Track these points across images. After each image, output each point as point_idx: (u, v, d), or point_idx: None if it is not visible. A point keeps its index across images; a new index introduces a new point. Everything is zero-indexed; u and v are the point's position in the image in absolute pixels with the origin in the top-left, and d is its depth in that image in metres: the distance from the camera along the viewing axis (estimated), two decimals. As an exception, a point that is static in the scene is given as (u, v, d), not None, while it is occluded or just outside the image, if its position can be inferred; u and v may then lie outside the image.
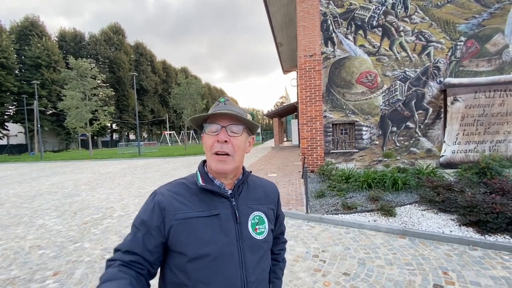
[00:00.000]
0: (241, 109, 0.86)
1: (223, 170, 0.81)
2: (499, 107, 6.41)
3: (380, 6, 7.15)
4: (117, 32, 43.33)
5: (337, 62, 7.42)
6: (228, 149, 0.80)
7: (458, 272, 2.61)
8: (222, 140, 0.79)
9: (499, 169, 4.89)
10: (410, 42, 7.05)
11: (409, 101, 7.11)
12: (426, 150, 7.10)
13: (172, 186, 0.85)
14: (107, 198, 6.59)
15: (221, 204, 0.82)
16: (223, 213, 0.80)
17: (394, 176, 5.30)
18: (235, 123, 0.82)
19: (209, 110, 0.87)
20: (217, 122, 0.81)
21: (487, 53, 6.71)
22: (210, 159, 0.82)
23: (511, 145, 6.46)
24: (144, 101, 45.65)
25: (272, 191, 0.98)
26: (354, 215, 4.21)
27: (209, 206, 0.80)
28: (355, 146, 7.49)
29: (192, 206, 0.79)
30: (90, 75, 22.89)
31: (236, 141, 0.81)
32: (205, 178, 0.85)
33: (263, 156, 14.82)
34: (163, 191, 0.82)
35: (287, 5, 10.03)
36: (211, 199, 0.81)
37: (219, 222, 0.79)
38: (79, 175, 10.94)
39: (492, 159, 5.17)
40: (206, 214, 0.79)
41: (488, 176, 4.71)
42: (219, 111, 0.80)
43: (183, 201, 0.80)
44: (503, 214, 3.23)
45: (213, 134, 0.81)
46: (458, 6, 6.79)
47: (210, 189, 0.81)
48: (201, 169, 0.88)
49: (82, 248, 3.63)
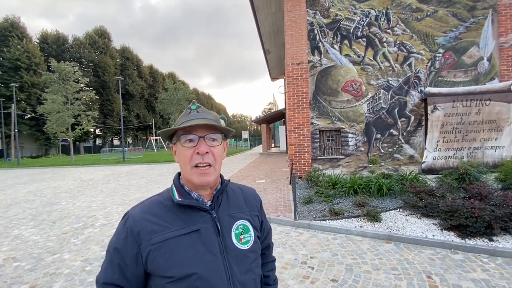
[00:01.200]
0: (214, 115, 0.82)
1: (207, 183, 0.77)
2: (475, 115, 6.75)
3: (364, 17, 7.43)
4: (102, 36, 42.47)
5: (324, 70, 7.60)
6: (210, 160, 0.76)
7: (441, 275, 2.68)
8: (203, 152, 0.74)
9: (477, 175, 5.12)
10: (392, 53, 7.33)
11: (392, 109, 7.35)
12: (409, 156, 7.33)
13: (146, 206, 0.79)
14: (89, 206, 6.34)
15: (200, 218, 0.77)
16: (203, 227, 0.76)
17: (379, 182, 5.43)
18: (213, 132, 0.77)
19: (179, 117, 0.82)
20: (193, 132, 0.76)
21: (464, 64, 7.08)
22: (190, 173, 0.76)
23: (487, 151, 6.79)
24: (130, 106, 44.70)
25: (253, 197, 0.94)
26: (341, 221, 4.26)
27: (187, 222, 0.75)
28: (341, 152, 7.63)
29: (169, 226, 0.74)
30: (73, 78, 22.21)
31: (216, 151, 0.78)
32: (181, 192, 0.79)
33: (251, 162, 14.81)
34: (136, 213, 0.76)
35: (275, 14, 10.22)
36: (189, 214, 0.77)
37: (200, 238, 0.74)
38: (59, 182, 10.49)
39: (470, 165, 5.41)
40: (185, 231, 0.74)
41: (467, 181, 4.91)
42: (197, 123, 0.75)
43: (159, 222, 0.74)
44: (481, 218, 3.37)
45: (190, 146, 0.76)
46: (437, 20, 7.16)
47: (187, 204, 0.76)
48: (176, 182, 0.82)
49: (61, 260, 3.45)
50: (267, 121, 23.22)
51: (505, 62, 6.88)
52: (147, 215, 0.75)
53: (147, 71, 50.95)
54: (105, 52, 41.55)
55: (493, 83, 6.91)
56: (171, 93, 28.50)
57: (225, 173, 10.85)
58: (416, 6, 7.23)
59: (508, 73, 6.87)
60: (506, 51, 6.87)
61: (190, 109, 0.81)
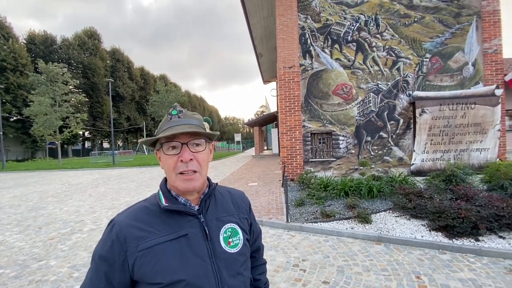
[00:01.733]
0: (197, 119, 0.81)
1: (192, 188, 0.76)
2: (461, 119, 6.95)
3: (354, 22, 7.57)
4: (92, 37, 41.82)
5: (315, 74, 7.69)
6: (194, 166, 0.75)
7: (430, 275, 2.74)
8: (187, 160, 0.73)
9: (463, 177, 5.26)
10: (381, 57, 7.49)
11: (381, 112, 7.49)
12: (398, 158, 7.47)
13: (132, 212, 0.77)
14: (76, 210, 6.19)
15: (188, 223, 0.76)
16: (191, 232, 0.75)
17: (370, 184, 5.51)
18: (196, 138, 0.76)
19: (161, 123, 0.80)
20: (175, 139, 0.74)
21: (450, 69, 7.30)
22: (175, 179, 0.75)
23: (472, 154, 6.99)
24: (120, 108, 44.04)
25: (241, 200, 0.94)
26: (333, 223, 4.30)
27: (175, 228, 0.74)
28: (332, 155, 7.71)
29: (156, 232, 0.72)
30: (62, 80, 21.74)
31: (200, 156, 0.77)
32: (168, 197, 0.78)
33: (243, 165, 14.78)
34: (122, 220, 0.75)
35: (267, 18, 10.31)
36: (176, 219, 0.76)
37: (188, 243, 0.74)
38: (46, 187, 10.21)
39: (457, 167, 5.56)
40: (172, 236, 0.73)
41: (453, 183, 5.04)
42: (178, 131, 0.73)
43: (145, 228, 0.73)
44: (468, 219, 3.46)
45: (173, 154, 0.74)
46: (424, 26, 7.37)
47: (174, 209, 0.75)
48: (163, 187, 0.81)
49: (47, 266, 3.35)
50: (260, 124, 23.27)
51: (489, 67, 7.13)
52: (133, 221, 0.74)
53: (138, 73, 50.40)
54: (95, 53, 40.91)
55: (478, 87, 7.14)
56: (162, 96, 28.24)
57: (217, 176, 10.79)
58: (404, 12, 7.42)
59: (492, 77, 7.11)
60: (489, 57, 7.12)
61: (170, 114, 0.78)
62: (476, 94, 6.92)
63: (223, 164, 17.06)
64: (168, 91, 29.53)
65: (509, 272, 2.73)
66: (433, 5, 7.33)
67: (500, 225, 3.48)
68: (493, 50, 7.11)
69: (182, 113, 0.79)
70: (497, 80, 7.09)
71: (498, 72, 7.12)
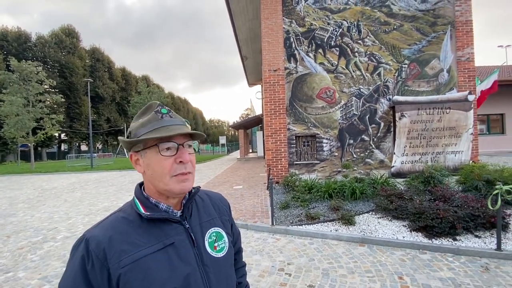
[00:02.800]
0: (182, 119, 0.77)
1: (188, 189, 0.73)
2: (437, 122, 7.26)
3: (337, 28, 7.74)
4: (70, 35, 40.12)
5: (299, 77, 7.77)
6: (190, 168, 0.72)
7: (412, 276, 2.79)
8: (187, 161, 0.70)
9: (440, 178, 5.48)
10: (363, 62, 7.70)
11: (363, 115, 7.69)
12: (379, 161, 7.68)
13: (108, 224, 0.69)
14: (50, 217, 5.83)
15: (173, 230, 0.71)
16: (178, 240, 0.71)
17: (353, 186, 5.60)
18: (190, 139, 0.73)
19: (144, 121, 0.72)
20: (173, 140, 0.69)
21: (427, 75, 7.63)
22: (169, 182, 0.69)
23: (448, 156, 7.31)
24: (100, 109, 42.44)
25: (221, 201, 0.92)
26: (318, 225, 4.31)
27: (160, 237, 0.69)
28: (316, 157, 7.80)
29: (139, 243, 0.66)
30: (36, 79, 20.63)
31: (193, 158, 0.74)
32: (147, 205, 0.72)
33: (228, 168, 14.65)
34: (96, 234, 0.65)
35: (252, 20, 10.33)
36: (160, 228, 0.70)
37: (176, 252, 0.69)
38: (16, 192, 9.57)
39: (434, 169, 5.79)
40: (158, 247, 0.67)
41: (432, 184, 5.23)
42: (178, 132, 0.68)
43: (127, 240, 0.66)
44: (446, 219, 3.58)
45: (169, 155, 0.69)
46: (402, 33, 7.66)
47: (157, 218, 0.70)
48: (139, 195, 0.74)
49: (15, 279, 3.11)
50: (245, 127, 23.23)
51: (462, 74, 7.52)
52: (111, 234, 0.66)
53: (120, 74, 48.90)
54: (73, 52, 39.25)
55: (452, 93, 7.50)
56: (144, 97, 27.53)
57: (201, 179, 10.61)
58: (384, 20, 7.69)
59: (465, 84, 7.50)
60: (463, 64, 7.51)
61: (160, 113, 0.72)
62: (450, 99, 7.27)
63: (207, 167, 16.83)
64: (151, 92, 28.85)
65: (485, 270, 2.84)
66: (411, 14, 7.65)
67: (476, 224, 3.64)
68: (466, 58, 7.51)
69: (171, 112, 0.75)
70: (469, 86, 7.49)
71: (471, 79, 7.52)
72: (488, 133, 15.17)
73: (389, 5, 7.68)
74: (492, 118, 15.22)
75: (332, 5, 7.76)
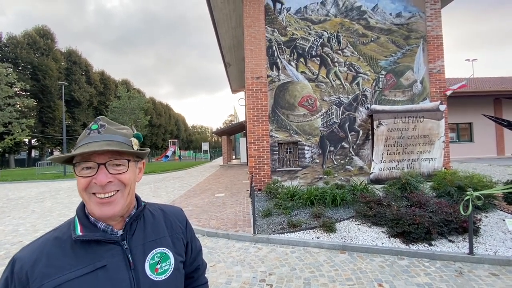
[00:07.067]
0: (122, 134, 0.71)
1: (112, 214, 0.66)
2: (412, 131, 7.60)
3: (318, 38, 7.97)
4: (44, 36, 38.28)
5: (282, 85, 7.87)
6: (114, 187, 0.66)
7: (391, 282, 2.82)
8: (102, 183, 0.64)
9: (416, 184, 5.69)
10: (343, 72, 7.95)
11: (343, 123, 7.89)
12: (358, 167, 7.87)
13: (37, 245, 0.65)
14: (15, 230, 5.39)
15: (107, 252, 0.67)
16: (110, 262, 0.66)
17: (333, 192, 5.67)
18: (116, 157, 0.67)
19: (79, 137, 0.70)
20: (91, 159, 0.65)
21: (402, 85, 8.00)
22: (89, 202, 0.66)
23: (422, 163, 7.65)
24: (76, 114, 40.54)
25: (176, 218, 0.85)
26: (299, 233, 4.30)
27: (91, 259, 0.64)
28: (298, 164, 7.86)
29: (67, 266, 0.62)
30: (5, 81, 19.39)
31: (123, 176, 0.68)
32: (85, 224, 0.68)
33: (210, 175, 14.41)
34: (23, 256, 0.63)
35: (235, 28, 10.39)
36: (94, 249, 0.66)
37: (106, 275, 0.64)
38: (-22, 202, 8.80)
39: (410, 175, 6.01)
40: (87, 270, 0.63)
41: (408, 190, 5.41)
42: (92, 149, 0.63)
43: (53, 263, 0.62)
44: (422, 225, 3.69)
45: (87, 175, 0.65)
46: (379, 45, 8.02)
47: (87, 239, 0.65)
48: (79, 213, 0.70)
49: (-32, 301, 2.79)
50: (228, 133, 23.09)
51: (434, 85, 7.97)
52: (37, 256, 0.62)
53: (98, 77, 47.16)
54: (47, 54, 37.44)
55: (425, 102, 7.91)
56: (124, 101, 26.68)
57: (182, 187, 10.32)
58: (362, 32, 8.02)
59: (436, 94, 7.94)
60: (434, 76, 7.97)
61: (89, 129, 0.69)
62: (424, 108, 7.65)
63: (189, 174, 16.47)
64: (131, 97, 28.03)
65: (459, 275, 2.93)
66: (386, 27, 8.04)
67: (449, 229, 3.78)
68: (437, 70, 7.97)
69: (104, 127, 0.69)
70: (441, 96, 7.93)
71: (442, 90, 7.98)
72: (458, 141, 16.11)
73: (366, 18, 8.03)
74: (461, 127, 16.22)
75: (313, 16, 7.99)
